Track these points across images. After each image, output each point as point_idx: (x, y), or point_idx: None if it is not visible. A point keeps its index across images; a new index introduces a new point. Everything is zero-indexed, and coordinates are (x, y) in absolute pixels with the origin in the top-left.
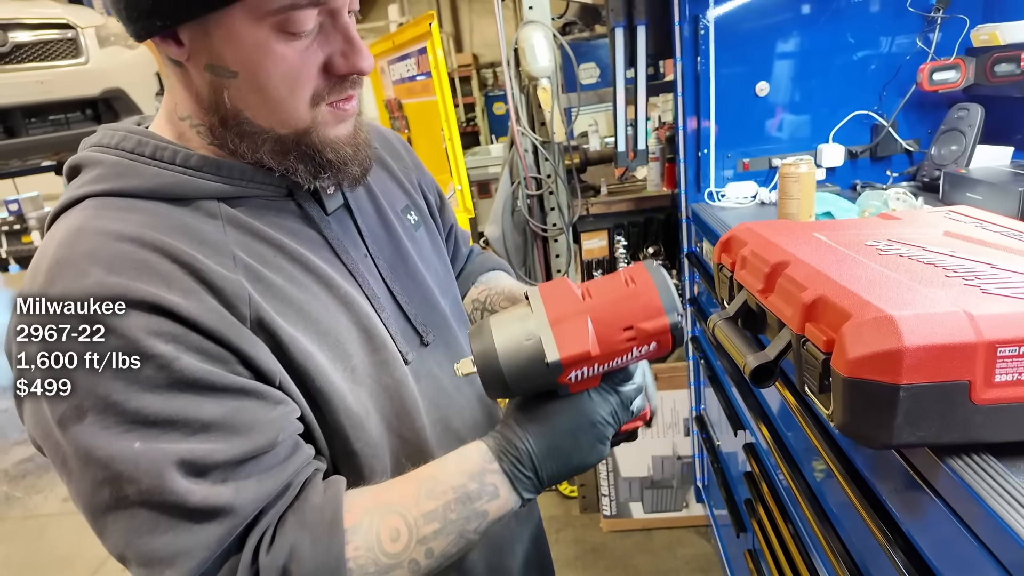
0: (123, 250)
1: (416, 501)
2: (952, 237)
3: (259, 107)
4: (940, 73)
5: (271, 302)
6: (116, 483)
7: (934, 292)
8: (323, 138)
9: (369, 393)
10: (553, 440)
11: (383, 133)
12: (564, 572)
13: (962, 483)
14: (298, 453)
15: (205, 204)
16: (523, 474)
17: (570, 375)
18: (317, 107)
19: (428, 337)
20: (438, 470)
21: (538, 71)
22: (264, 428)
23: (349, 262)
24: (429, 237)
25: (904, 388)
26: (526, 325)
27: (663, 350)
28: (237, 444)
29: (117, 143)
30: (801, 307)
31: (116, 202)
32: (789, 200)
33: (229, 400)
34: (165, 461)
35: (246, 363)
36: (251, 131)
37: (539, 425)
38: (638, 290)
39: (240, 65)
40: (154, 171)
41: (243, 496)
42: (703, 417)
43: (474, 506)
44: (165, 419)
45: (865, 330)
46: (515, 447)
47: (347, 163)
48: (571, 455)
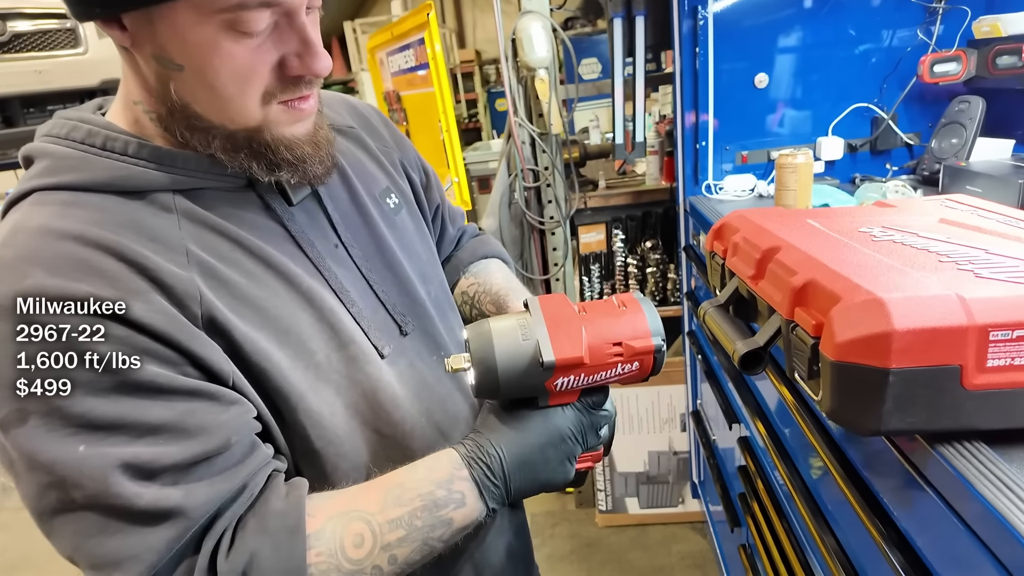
0: (65, 249)
1: (382, 507)
2: (948, 224)
3: (208, 103)
4: (941, 65)
5: (226, 300)
6: (61, 487)
7: (926, 276)
8: (277, 137)
9: (336, 390)
10: (524, 451)
11: (358, 108)
12: (559, 567)
13: (953, 470)
14: (255, 454)
15: (159, 197)
16: (492, 483)
17: (557, 380)
18: (268, 105)
19: (407, 327)
20: (407, 477)
21: (536, 61)
22: (216, 430)
23: (314, 255)
24: (412, 221)
25: (893, 372)
26: (524, 326)
27: (643, 373)
28: (187, 446)
29: (67, 133)
30: (791, 292)
31: (63, 196)
32: (786, 191)
33: (178, 402)
34: (110, 465)
35: (197, 364)
36: (201, 125)
37: (513, 434)
38: (629, 313)
39: (186, 60)
40: (105, 163)
41: (194, 498)
42: (699, 412)
43: (440, 514)
44: (110, 423)
45: (854, 313)
46: (487, 454)
47: (306, 161)
48: (539, 470)
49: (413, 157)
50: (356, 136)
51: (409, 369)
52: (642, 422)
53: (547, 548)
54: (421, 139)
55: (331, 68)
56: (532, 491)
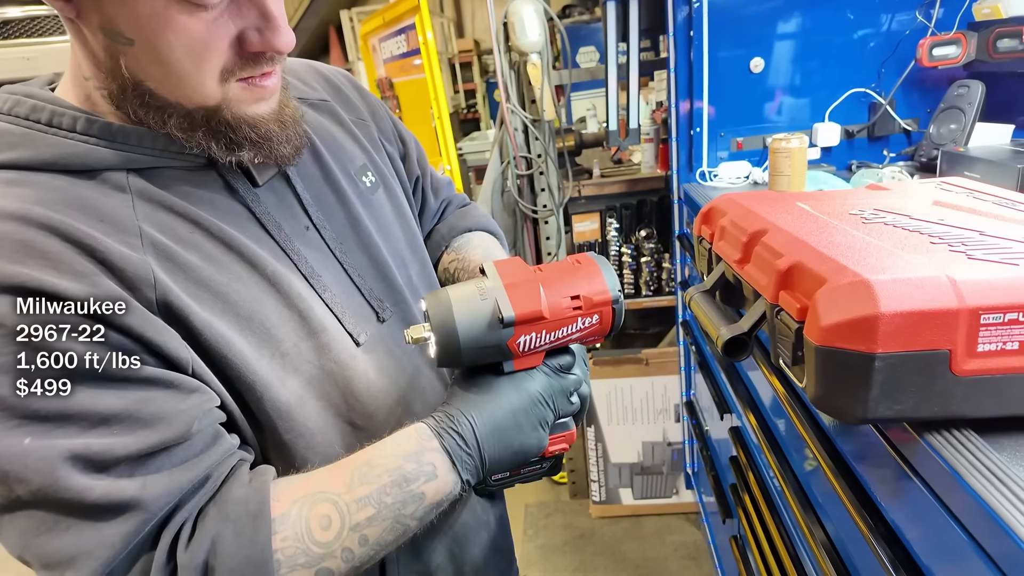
0: (4, 230)
1: (349, 487)
2: (941, 206)
3: (161, 79)
4: (940, 48)
5: (183, 284)
6: (5, 483)
7: (916, 258)
8: (238, 115)
9: (307, 380)
10: (495, 417)
11: (328, 76)
12: (552, 558)
13: (941, 460)
14: (218, 444)
15: (112, 176)
16: (465, 451)
17: (519, 339)
18: (227, 83)
19: (384, 313)
20: (374, 454)
21: (527, 45)
22: (174, 419)
23: (281, 237)
24: (389, 199)
25: (880, 357)
26: (482, 287)
27: (603, 328)
28: (143, 437)
29: (10, 108)
30: (776, 275)
31: (5, 176)
32: (779, 177)
33: (132, 391)
34: (58, 457)
35: (152, 351)
36: (155, 104)
37: (482, 402)
38: (584, 268)
39: (136, 33)
40: (51, 140)
41: (151, 490)
42: (693, 403)
43: (410, 488)
44: (57, 413)
45: (839, 296)
46: (457, 423)
47: (271, 140)
48: (512, 436)
49: (388, 127)
50: (330, 109)
51: (387, 357)
52: (636, 413)
53: (540, 539)
54: (414, 127)
55: (293, 44)
56: (507, 460)
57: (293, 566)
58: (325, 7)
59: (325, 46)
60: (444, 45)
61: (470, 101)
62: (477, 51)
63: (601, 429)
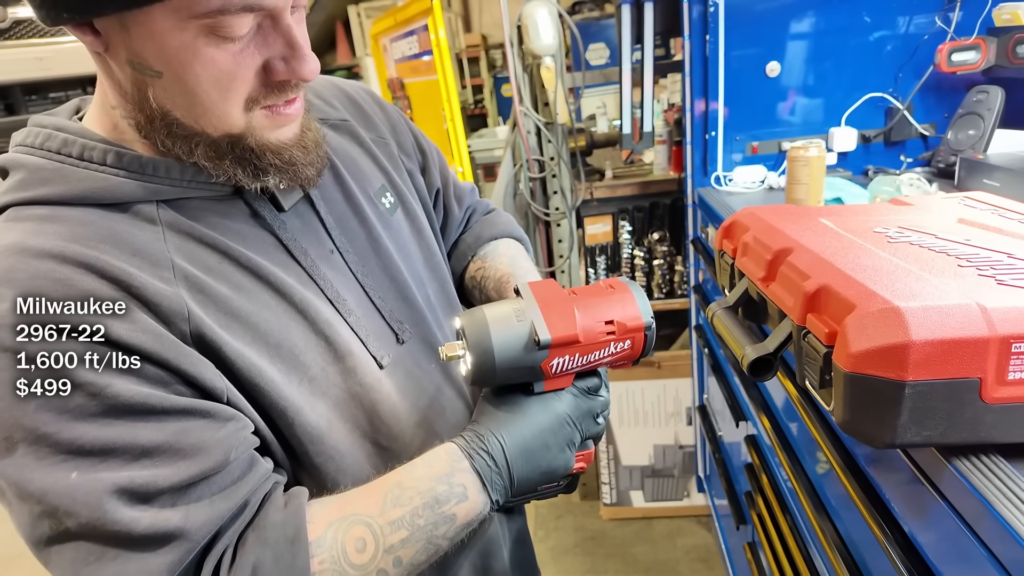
0: (42, 269)
1: (382, 509)
2: (967, 224)
3: (188, 109)
4: (959, 54)
5: (215, 315)
6: (54, 517)
7: (945, 283)
8: (262, 143)
9: (334, 403)
10: (524, 438)
11: (350, 95)
12: (563, 559)
13: (968, 485)
14: (254, 469)
15: (143, 208)
16: (495, 472)
17: (553, 361)
18: (252, 111)
19: (404, 335)
20: (405, 476)
21: (541, 48)
22: (212, 448)
23: (307, 263)
24: (408, 219)
25: (910, 385)
26: (518, 310)
27: (634, 353)
28: (184, 467)
29: (42, 143)
30: (803, 297)
31: (39, 212)
32: (797, 185)
33: (171, 423)
34: (104, 491)
35: (188, 382)
36: (182, 133)
37: (512, 422)
38: (618, 293)
39: (164, 65)
40: (82, 174)
41: (194, 519)
42: (706, 407)
43: (442, 510)
44: (101, 448)
45: (869, 322)
46: (487, 443)
47: (295, 164)
48: (540, 457)
49: (408, 142)
50: (350, 130)
51: (407, 379)
52: (648, 415)
53: (551, 540)
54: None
55: (318, 72)
56: (534, 480)
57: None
58: (332, 2)
59: (332, 41)
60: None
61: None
62: (484, 46)
63: (612, 431)
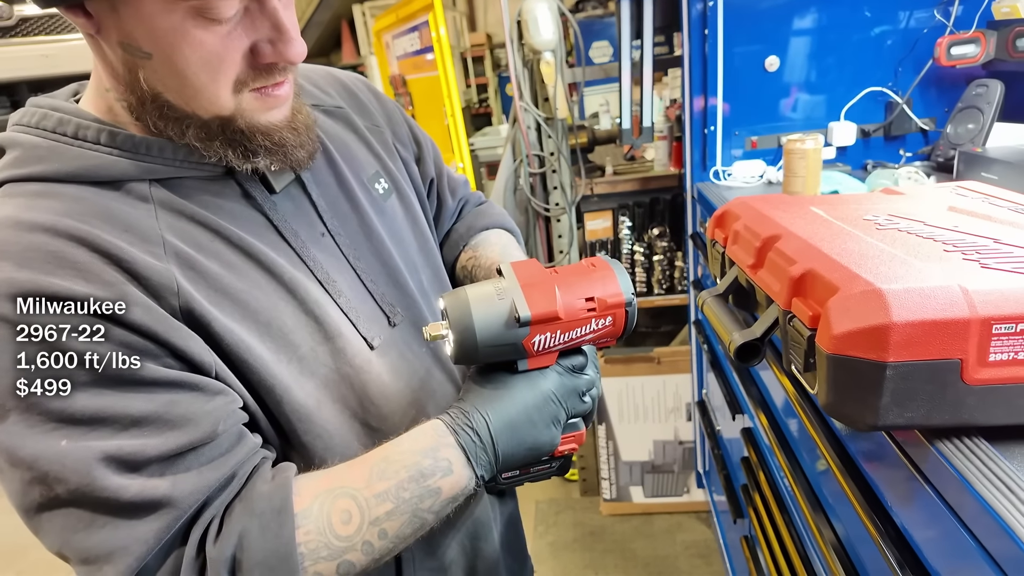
0: (35, 242)
1: (368, 482)
2: (956, 212)
3: (178, 91)
4: (959, 47)
5: (204, 292)
6: (44, 483)
7: (929, 266)
8: (251, 124)
9: (323, 383)
10: (509, 414)
11: (345, 83)
12: (562, 555)
13: (951, 467)
14: (243, 443)
15: (135, 187)
16: (479, 447)
17: (534, 338)
18: (240, 93)
19: (395, 318)
20: (391, 450)
21: (541, 44)
22: (201, 420)
23: (297, 244)
24: (402, 205)
25: (891, 366)
26: (499, 287)
27: (616, 330)
28: (172, 437)
29: (38, 121)
30: (789, 281)
31: (34, 188)
32: (794, 178)
33: (161, 394)
34: (93, 458)
35: (177, 355)
36: (173, 115)
37: (497, 399)
38: (599, 271)
39: (154, 47)
40: (76, 152)
41: (181, 488)
42: (705, 402)
43: (427, 483)
44: (91, 416)
45: (851, 304)
46: (472, 420)
47: (285, 146)
48: (525, 433)
49: (404, 132)
50: (344, 116)
51: (399, 360)
52: (647, 411)
53: (551, 536)
54: (427, 124)
55: (304, 54)
56: (519, 456)
57: (316, 559)
58: (338, 1)
59: (337, 40)
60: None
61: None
62: (489, 45)
63: (612, 427)
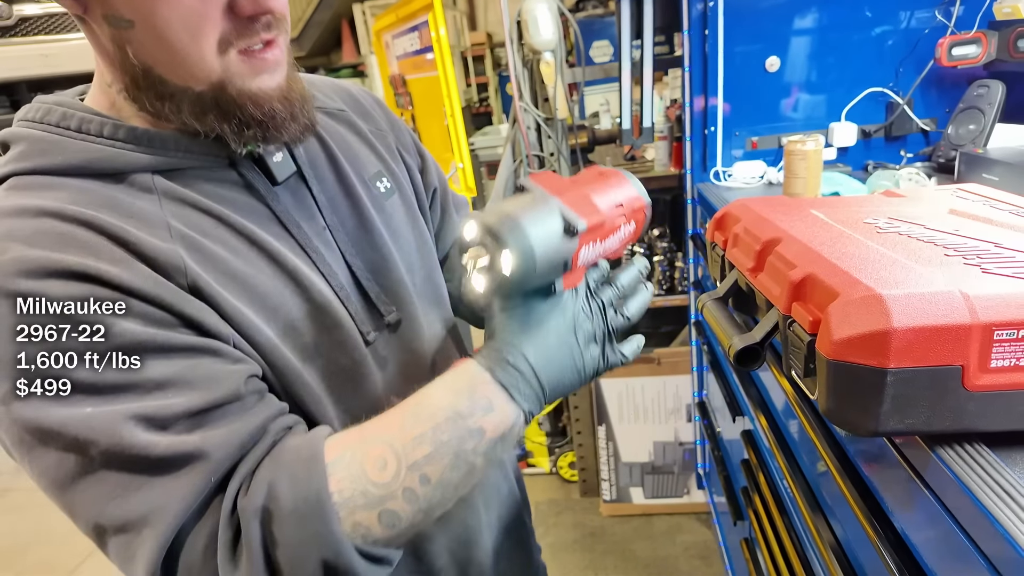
0: (44, 225)
1: (401, 428)
2: (957, 215)
3: (165, 60)
4: (960, 48)
5: (211, 273)
6: (75, 448)
7: (930, 271)
8: (242, 90)
9: (323, 374)
10: (547, 344)
11: (349, 91)
12: (562, 556)
13: (951, 474)
14: (268, 401)
15: (138, 178)
16: (522, 380)
17: (580, 250)
18: (226, 55)
19: (390, 317)
20: (423, 396)
21: (541, 44)
22: (223, 379)
23: (300, 236)
24: (404, 206)
25: (892, 372)
26: (540, 199)
27: (637, 233)
28: (196, 396)
29: (42, 116)
30: (789, 286)
31: (38, 180)
32: (795, 179)
33: (180, 359)
34: (120, 419)
35: (192, 325)
36: (167, 91)
37: (527, 330)
38: (614, 178)
39: (134, 13)
40: (80, 145)
41: (212, 441)
42: (705, 403)
43: (467, 423)
44: (113, 384)
45: (852, 310)
46: (508, 354)
47: (275, 117)
48: (566, 359)
49: (409, 141)
50: (346, 119)
51: (391, 359)
52: (648, 412)
53: (550, 537)
54: (427, 123)
55: (286, 5)
56: (567, 383)
57: (353, 508)
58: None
59: (338, 40)
60: (456, 38)
61: (482, 94)
62: (489, 44)
63: (612, 428)
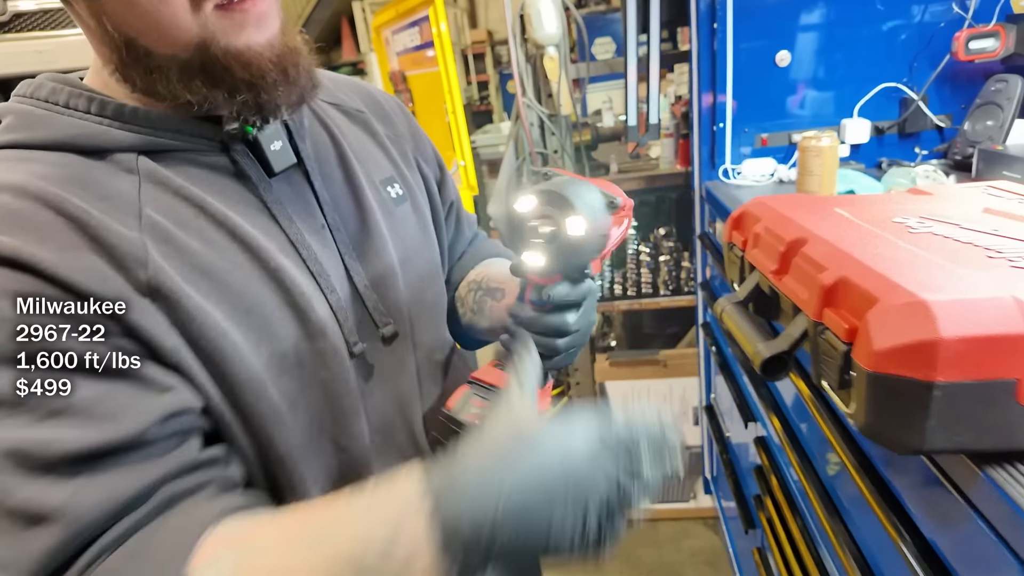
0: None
1: (293, 552)
2: (993, 214)
3: (141, 27)
4: (977, 41)
5: (180, 268)
6: None
7: (975, 275)
8: (227, 49)
9: (300, 387)
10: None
11: (371, 93)
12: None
13: (1004, 497)
14: (184, 449)
15: (122, 158)
16: (470, 531)
17: (612, 229)
18: (200, 11)
19: (385, 329)
20: (339, 511)
21: (544, 38)
22: (131, 416)
23: (292, 231)
24: (415, 214)
25: (939, 386)
26: (578, 179)
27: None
28: (93, 432)
29: (32, 92)
30: (820, 290)
31: (16, 153)
32: (809, 176)
33: (91, 382)
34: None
35: (131, 335)
36: (154, 63)
37: (516, 450)
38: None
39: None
40: (65, 121)
41: (82, 500)
42: (713, 407)
43: (368, 567)
44: (3, 400)
45: (894, 317)
46: (465, 490)
47: (266, 78)
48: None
49: (429, 152)
50: (364, 120)
51: (380, 375)
52: None
53: None
54: (428, 120)
55: None
56: (529, 552)
57: None
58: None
59: (338, 38)
60: (457, 36)
61: (483, 92)
62: (490, 41)
63: None
